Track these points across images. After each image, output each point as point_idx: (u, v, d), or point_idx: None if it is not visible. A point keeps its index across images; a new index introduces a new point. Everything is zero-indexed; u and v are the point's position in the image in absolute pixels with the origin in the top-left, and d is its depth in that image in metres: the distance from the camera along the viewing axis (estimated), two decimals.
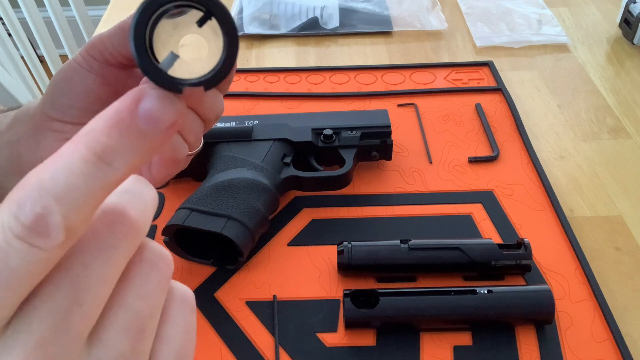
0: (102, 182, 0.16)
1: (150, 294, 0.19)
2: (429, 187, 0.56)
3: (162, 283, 0.19)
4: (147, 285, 0.19)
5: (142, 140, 0.17)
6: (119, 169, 0.17)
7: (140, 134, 0.17)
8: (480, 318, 0.43)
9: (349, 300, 0.43)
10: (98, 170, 0.16)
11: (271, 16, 0.82)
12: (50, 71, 1.60)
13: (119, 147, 0.17)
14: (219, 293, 0.47)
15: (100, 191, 0.16)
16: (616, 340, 0.42)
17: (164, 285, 0.19)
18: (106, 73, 0.35)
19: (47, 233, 0.15)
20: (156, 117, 0.17)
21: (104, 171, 0.16)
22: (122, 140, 0.17)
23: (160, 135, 0.18)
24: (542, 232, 0.51)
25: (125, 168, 0.17)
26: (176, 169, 0.36)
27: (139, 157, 0.17)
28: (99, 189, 0.16)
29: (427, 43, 0.78)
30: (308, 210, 0.54)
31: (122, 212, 0.18)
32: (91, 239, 0.17)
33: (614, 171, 0.57)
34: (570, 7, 0.84)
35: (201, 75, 0.20)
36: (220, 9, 0.19)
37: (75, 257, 0.17)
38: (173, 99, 0.18)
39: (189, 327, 0.21)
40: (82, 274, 0.17)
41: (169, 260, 0.20)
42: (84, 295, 0.16)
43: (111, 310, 0.18)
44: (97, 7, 1.92)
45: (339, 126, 0.56)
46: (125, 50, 0.34)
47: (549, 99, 0.67)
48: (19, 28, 1.33)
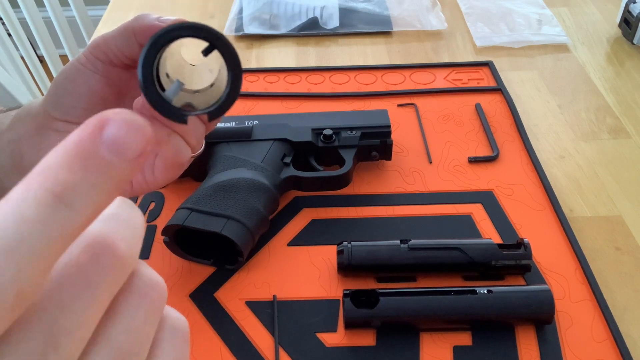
0: (61, 229, 0.14)
1: (139, 327, 0.17)
2: (429, 187, 0.56)
3: (153, 315, 0.17)
4: (134, 319, 0.17)
5: (107, 173, 0.14)
6: (82, 211, 0.14)
7: (106, 166, 0.14)
8: (480, 318, 0.43)
9: (349, 300, 0.43)
10: (56, 213, 0.13)
11: (271, 16, 0.82)
12: (50, 71, 1.60)
13: (81, 182, 0.14)
14: (219, 293, 0.47)
15: (59, 241, 0.14)
16: (616, 340, 0.42)
17: (155, 317, 0.17)
18: (110, 73, 0.35)
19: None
20: (123, 145, 0.15)
21: (64, 214, 0.14)
22: (85, 174, 0.14)
23: (128, 165, 0.15)
24: (542, 232, 0.51)
25: (89, 209, 0.14)
26: (179, 171, 0.36)
27: (105, 194, 0.15)
28: (57, 239, 0.13)
29: (427, 43, 0.78)
30: (308, 210, 0.54)
31: (107, 242, 0.16)
32: (71, 274, 0.15)
33: (614, 171, 0.57)
34: (570, 7, 0.84)
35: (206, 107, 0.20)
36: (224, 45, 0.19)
37: (52, 297, 0.14)
38: (141, 124, 0.15)
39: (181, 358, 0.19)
40: (60, 316, 0.14)
41: (162, 289, 0.18)
42: (61, 339, 0.14)
43: (94, 346, 0.16)
44: (97, 7, 1.92)
45: (339, 126, 0.56)
46: (129, 51, 0.34)
47: (549, 99, 0.67)
48: (19, 28, 1.33)
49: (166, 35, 0.19)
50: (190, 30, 0.18)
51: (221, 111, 0.20)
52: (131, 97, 0.36)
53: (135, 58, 0.34)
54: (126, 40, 0.33)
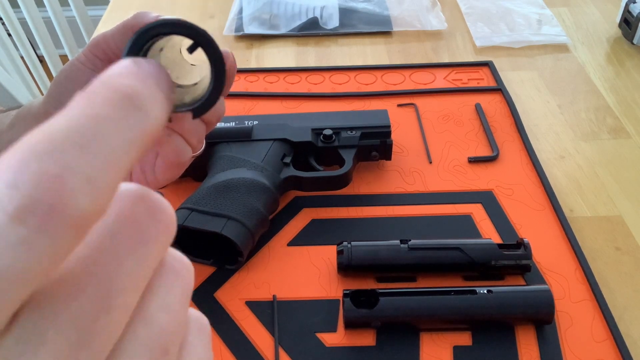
0: (136, 132, 0.12)
1: (175, 306, 0.15)
2: (428, 187, 0.56)
3: (186, 294, 0.16)
4: (171, 296, 0.15)
5: (159, 88, 0.14)
6: (155, 115, 0.13)
7: (155, 81, 0.14)
8: (480, 318, 0.43)
9: (349, 300, 0.43)
10: (130, 113, 0.12)
11: (271, 16, 0.82)
12: (50, 71, 1.60)
13: (149, 89, 0.13)
14: (219, 293, 0.47)
15: (133, 146, 0.12)
16: (616, 340, 0.42)
17: (187, 298, 0.16)
18: None
19: (62, 206, 0.10)
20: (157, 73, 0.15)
21: (138, 116, 0.13)
22: (149, 82, 0.13)
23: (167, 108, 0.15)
24: (542, 232, 0.51)
25: (161, 116, 0.13)
26: (180, 171, 0.36)
27: (165, 107, 0.14)
28: (133, 142, 0.12)
29: (427, 43, 0.78)
30: (308, 210, 0.54)
31: (161, 199, 0.14)
32: (126, 226, 0.13)
33: (614, 171, 0.57)
34: (570, 7, 0.84)
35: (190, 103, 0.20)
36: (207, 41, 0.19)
37: (107, 248, 0.13)
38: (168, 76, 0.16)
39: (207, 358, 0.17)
40: (114, 270, 0.12)
41: (191, 269, 0.16)
42: (114, 300, 0.12)
43: (132, 325, 0.14)
44: (97, 7, 1.92)
45: (339, 126, 0.56)
46: None
47: (549, 99, 0.67)
48: (19, 28, 1.33)
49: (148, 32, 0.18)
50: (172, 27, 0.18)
51: (204, 108, 0.20)
52: None
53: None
54: (125, 38, 0.33)
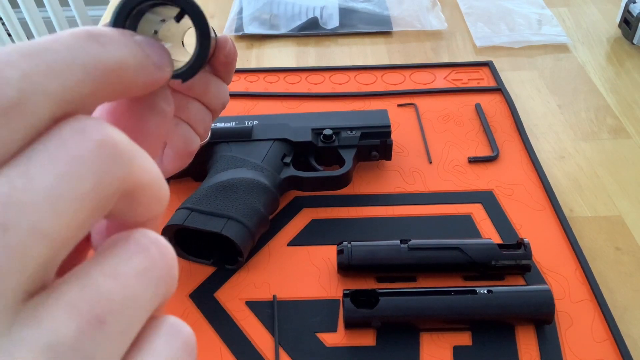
0: (86, 58, 0.14)
1: (128, 278, 0.13)
2: (429, 187, 0.56)
3: (150, 274, 0.14)
4: (125, 267, 0.14)
5: (138, 47, 0.16)
6: (110, 52, 0.14)
7: (137, 43, 0.16)
8: (480, 318, 0.43)
9: (349, 300, 0.43)
10: (86, 44, 0.14)
11: (271, 16, 0.82)
12: None
13: (115, 37, 0.15)
14: (219, 293, 0.47)
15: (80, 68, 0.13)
16: (616, 340, 0.42)
17: (152, 281, 0.14)
18: None
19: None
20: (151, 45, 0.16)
21: (93, 47, 0.14)
22: (120, 37, 0.15)
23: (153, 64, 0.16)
24: (542, 232, 0.51)
25: (117, 57, 0.15)
26: (188, 160, 0.36)
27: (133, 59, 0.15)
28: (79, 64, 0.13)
29: (427, 43, 0.78)
30: (308, 210, 0.54)
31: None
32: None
33: (614, 171, 0.57)
34: (570, 7, 0.84)
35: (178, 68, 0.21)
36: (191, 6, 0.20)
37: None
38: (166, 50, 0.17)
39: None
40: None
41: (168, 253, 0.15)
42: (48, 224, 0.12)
43: (65, 282, 0.13)
44: (97, 7, 1.92)
45: (339, 126, 0.56)
46: None
47: (549, 99, 0.67)
48: (19, 28, 1.33)
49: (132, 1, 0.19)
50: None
51: (191, 72, 0.21)
52: None
53: None
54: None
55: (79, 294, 0.12)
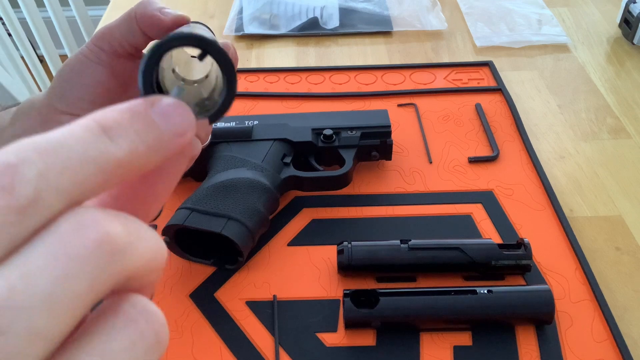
0: (96, 154, 0.14)
1: (116, 355, 0.14)
2: (429, 187, 0.56)
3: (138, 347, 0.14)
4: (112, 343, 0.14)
5: (152, 131, 0.15)
6: (121, 147, 0.15)
7: (152, 124, 0.16)
8: (480, 318, 0.43)
9: (349, 300, 0.43)
10: (97, 140, 0.14)
11: (271, 16, 0.82)
12: (50, 71, 1.60)
13: (127, 125, 0.15)
14: (219, 293, 0.47)
15: (92, 164, 0.14)
16: (616, 340, 0.42)
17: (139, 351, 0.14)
18: (114, 64, 0.35)
19: (11, 187, 0.12)
20: (171, 115, 0.16)
21: (104, 143, 0.14)
22: (132, 121, 0.15)
23: (171, 136, 0.16)
24: (542, 232, 0.51)
25: (127, 150, 0.15)
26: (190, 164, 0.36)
27: (146, 147, 0.15)
28: (91, 161, 0.14)
29: (427, 43, 0.78)
30: (308, 210, 0.54)
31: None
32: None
33: (614, 171, 0.57)
34: (570, 7, 0.84)
35: (206, 110, 0.21)
36: (218, 52, 0.20)
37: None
38: (187, 109, 0.17)
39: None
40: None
41: (156, 320, 0.15)
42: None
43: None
44: (97, 7, 1.92)
45: (339, 126, 0.56)
46: (133, 39, 0.34)
47: (549, 99, 0.67)
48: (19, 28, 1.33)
49: (164, 46, 0.20)
50: (186, 40, 0.20)
51: (219, 115, 0.21)
52: (135, 87, 0.37)
53: (137, 46, 0.35)
54: (129, 27, 0.33)
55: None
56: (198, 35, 0.20)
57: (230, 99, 0.21)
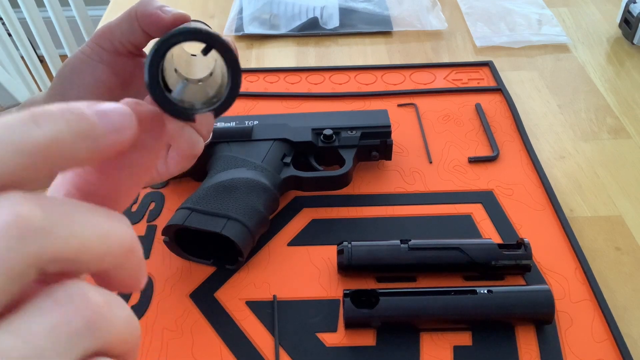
0: (17, 137, 0.14)
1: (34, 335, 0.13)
2: (429, 187, 0.56)
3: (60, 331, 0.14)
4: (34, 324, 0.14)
5: (83, 121, 0.16)
6: (44, 131, 0.15)
7: (84, 117, 0.16)
8: (480, 318, 0.43)
9: (349, 300, 0.43)
10: (24, 125, 0.15)
11: (271, 16, 0.82)
12: (50, 71, 1.60)
13: (57, 115, 0.15)
14: (219, 293, 0.47)
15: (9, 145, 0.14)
16: (616, 340, 0.42)
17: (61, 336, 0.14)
18: (115, 63, 0.35)
19: None
20: (109, 112, 0.16)
21: (28, 127, 0.15)
22: (64, 113, 0.15)
23: (105, 131, 0.16)
24: (542, 232, 0.51)
25: (49, 134, 0.15)
26: (192, 162, 0.37)
27: (72, 134, 0.15)
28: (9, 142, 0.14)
29: (427, 43, 0.78)
30: (308, 210, 0.54)
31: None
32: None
33: (614, 171, 0.57)
34: (570, 7, 0.84)
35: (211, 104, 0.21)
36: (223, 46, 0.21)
37: None
38: (128, 112, 0.17)
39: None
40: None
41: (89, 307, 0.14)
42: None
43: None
44: (97, 7, 1.92)
45: (339, 126, 0.56)
46: (134, 37, 0.34)
47: (549, 99, 0.67)
48: (19, 28, 1.33)
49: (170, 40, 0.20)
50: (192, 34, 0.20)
51: (224, 108, 0.22)
52: (136, 85, 0.37)
53: (138, 44, 0.35)
54: (130, 26, 0.33)
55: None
56: (203, 30, 0.20)
57: (234, 92, 0.21)
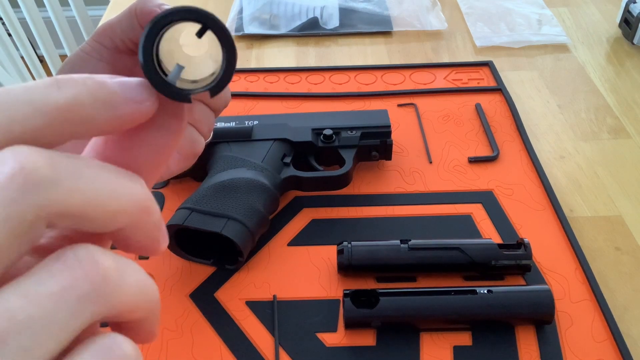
0: (38, 97, 0.15)
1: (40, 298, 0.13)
2: (429, 187, 0.56)
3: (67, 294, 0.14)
4: (40, 286, 0.14)
5: (104, 88, 0.16)
6: (64, 94, 0.15)
7: (105, 85, 0.16)
8: (480, 318, 0.43)
9: (349, 300, 0.43)
10: (46, 88, 0.15)
11: (271, 16, 0.82)
12: (50, 71, 1.60)
13: (80, 81, 0.16)
14: (219, 293, 0.47)
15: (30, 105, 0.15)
16: (616, 340, 0.42)
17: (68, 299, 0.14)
18: (115, 61, 0.35)
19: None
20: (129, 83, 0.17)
21: (49, 89, 0.15)
22: (86, 80, 0.16)
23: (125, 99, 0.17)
24: (542, 232, 0.51)
25: (70, 96, 0.15)
26: (193, 161, 0.37)
27: (91, 98, 0.16)
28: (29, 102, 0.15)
29: (427, 43, 0.78)
30: (308, 210, 0.54)
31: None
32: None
33: (614, 171, 0.57)
34: (570, 7, 0.84)
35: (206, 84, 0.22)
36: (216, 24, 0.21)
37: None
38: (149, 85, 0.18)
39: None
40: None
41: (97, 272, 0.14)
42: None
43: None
44: (97, 7, 1.92)
45: (339, 126, 0.56)
46: (133, 34, 0.34)
47: (549, 99, 0.67)
48: (19, 28, 1.33)
49: (164, 18, 0.20)
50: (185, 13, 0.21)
51: (220, 86, 0.22)
52: None
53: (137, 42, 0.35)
54: (130, 23, 0.34)
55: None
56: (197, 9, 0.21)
57: (230, 71, 0.22)
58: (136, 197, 0.16)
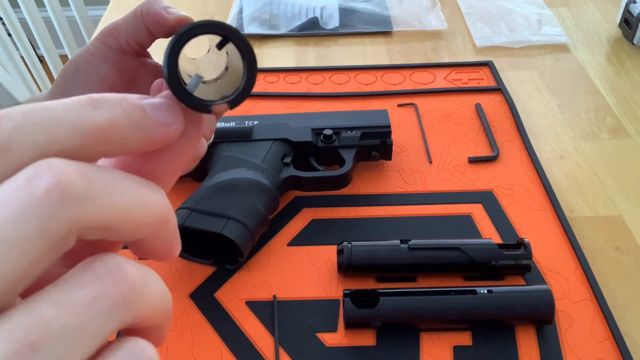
0: (76, 117, 0.15)
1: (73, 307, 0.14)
2: (429, 187, 0.56)
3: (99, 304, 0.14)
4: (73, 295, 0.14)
5: (137, 110, 0.17)
6: (102, 115, 0.16)
7: (139, 106, 0.17)
8: (480, 318, 0.43)
9: (349, 300, 0.43)
10: (82, 108, 0.16)
11: (271, 16, 0.82)
12: (50, 71, 1.60)
13: (115, 102, 0.16)
14: (219, 293, 0.47)
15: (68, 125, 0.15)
16: (616, 340, 0.42)
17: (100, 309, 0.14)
18: (120, 61, 0.35)
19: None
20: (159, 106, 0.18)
21: (86, 110, 0.16)
22: (121, 100, 0.17)
23: (155, 122, 0.17)
24: (542, 232, 0.51)
25: (107, 118, 0.16)
26: (195, 163, 0.37)
27: (127, 121, 0.16)
28: (68, 122, 0.15)
29: (427, 43, 0.78)
30: (308, 210, 0.54)
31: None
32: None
33: (614, 171, 0.57)
34: (570, 7, 0.84)
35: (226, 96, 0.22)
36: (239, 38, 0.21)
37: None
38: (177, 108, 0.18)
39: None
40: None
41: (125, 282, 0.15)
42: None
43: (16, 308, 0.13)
44: (97, 7, 1.92)
45: (339, 126, 0.56)
46: (138, 36, 0.34)
47: (549, 99, 0.67)
48: (19, 28, 1.33)
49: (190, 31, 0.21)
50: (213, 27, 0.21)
51: (240, 99, 0.22)
52: (140, 85, 0.37)
53: (143, 43, 0.35)
54: (136, 24, 0.34)
55: (19, 320, 0.13)
56: (221, 23, 0.21)
57: (250, 83, 0.22)
58: (159, 208, 0.17)
